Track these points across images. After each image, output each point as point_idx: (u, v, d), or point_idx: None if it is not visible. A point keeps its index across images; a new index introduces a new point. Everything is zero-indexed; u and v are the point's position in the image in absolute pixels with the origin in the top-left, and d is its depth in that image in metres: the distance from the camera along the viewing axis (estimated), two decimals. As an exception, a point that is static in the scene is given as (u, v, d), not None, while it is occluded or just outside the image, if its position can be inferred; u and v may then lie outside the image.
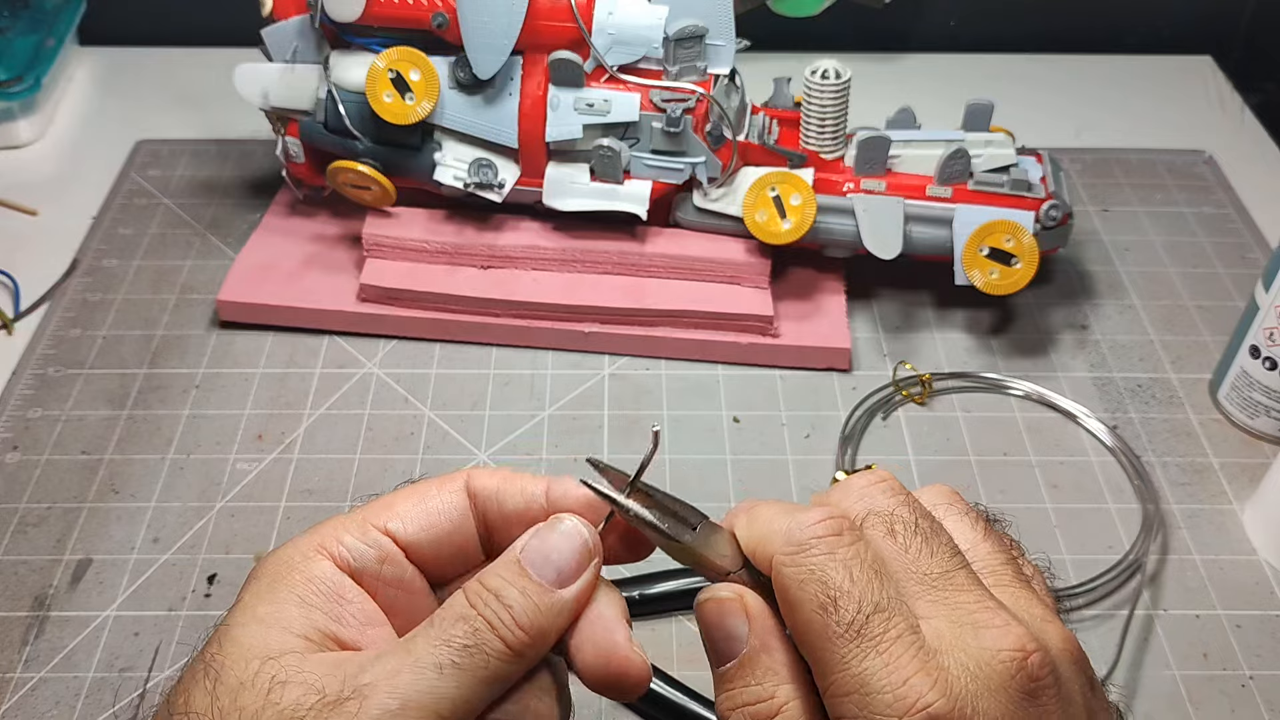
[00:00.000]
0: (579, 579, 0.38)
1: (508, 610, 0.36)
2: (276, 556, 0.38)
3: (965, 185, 0.73)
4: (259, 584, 0.38)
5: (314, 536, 0.39)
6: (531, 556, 0.37)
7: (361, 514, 0.39)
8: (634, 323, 0.75)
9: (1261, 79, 1.04)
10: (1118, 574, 0.63)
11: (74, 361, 0.74)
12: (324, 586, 0.37)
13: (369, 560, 0.38)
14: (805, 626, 0.34)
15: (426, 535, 0.39)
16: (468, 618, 0.36)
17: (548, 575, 0.37)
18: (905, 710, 0.31)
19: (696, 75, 0.72)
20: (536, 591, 0.37)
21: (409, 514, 0.39)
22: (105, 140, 0.93)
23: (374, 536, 0.39)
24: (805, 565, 0.34)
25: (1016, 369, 0.75)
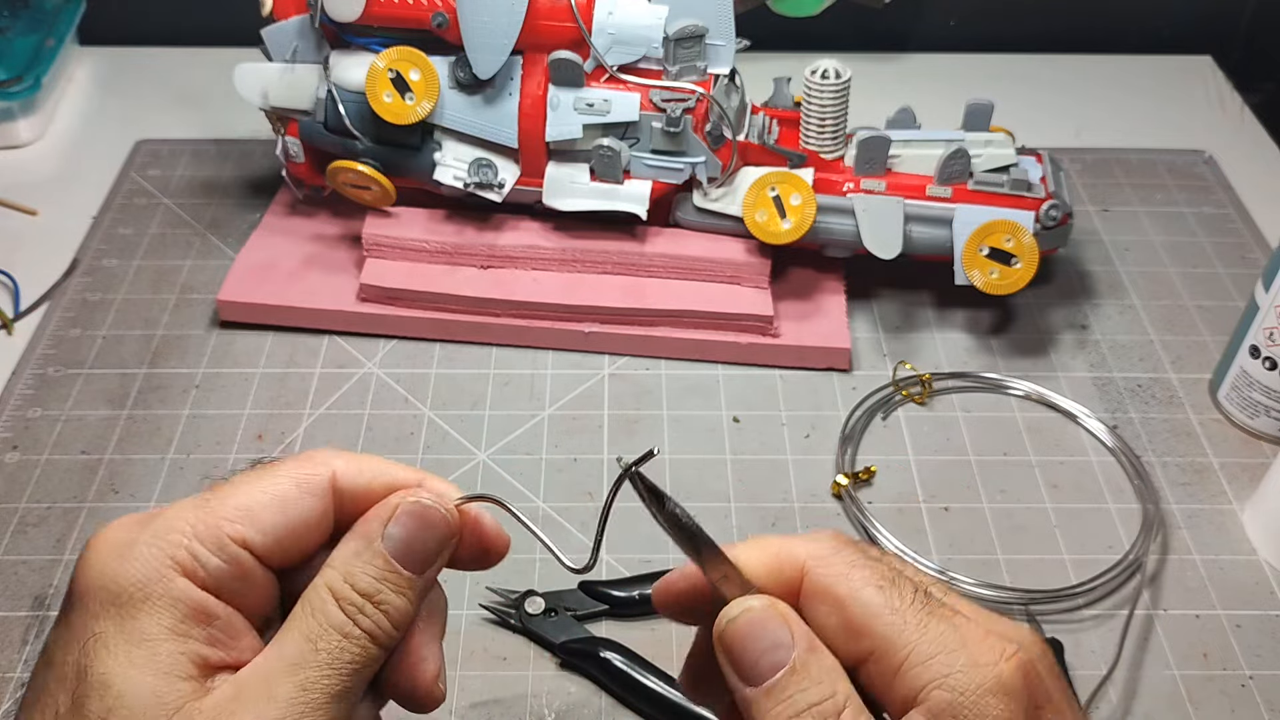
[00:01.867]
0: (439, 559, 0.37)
1: (386, 616, 0.35)
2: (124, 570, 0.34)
3: (965, 185, 0.73)
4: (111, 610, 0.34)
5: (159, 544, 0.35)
6: (397, 548, 0.36)
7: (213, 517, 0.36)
8: (634, 323, 0.75)
9: (1261, 79, 1.04)
10: (1118, 574, 0.63)
11: (74, 361, 0.74)
12: (189, 609, 0.34)
13: (225, 578, 0.35)
14: (865, 608, 0.35)
15: (281, 544, 0.37)
16: (353, 636, 0.35)
17: (414, 566, 0.36)
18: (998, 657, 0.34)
19: (696, 75, 0.72)
20: (406, 586, 0.36)
21: (269, 524, 0.36)
22: (105, 140, 0.93)
23: (232, 551, 0.35)
24: (846, 557, 0.36)
25: (1016, 369, 0.75)
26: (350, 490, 0.38)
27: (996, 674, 0.34)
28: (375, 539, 0.36)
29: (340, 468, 0.38)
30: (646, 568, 0.62)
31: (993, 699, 0.34)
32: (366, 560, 0.36)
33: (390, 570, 0.36)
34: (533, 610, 0.60)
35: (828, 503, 0.67)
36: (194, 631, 0.34)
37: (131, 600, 0.34)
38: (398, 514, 0.37)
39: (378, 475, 0.38)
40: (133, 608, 0.34)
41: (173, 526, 0.35)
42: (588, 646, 0.58)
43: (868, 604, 0.35)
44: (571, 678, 0.58)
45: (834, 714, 0.34)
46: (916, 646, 0.34)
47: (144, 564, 0.34)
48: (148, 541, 0.35)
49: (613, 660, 0.57)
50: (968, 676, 0.34)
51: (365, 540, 0.36)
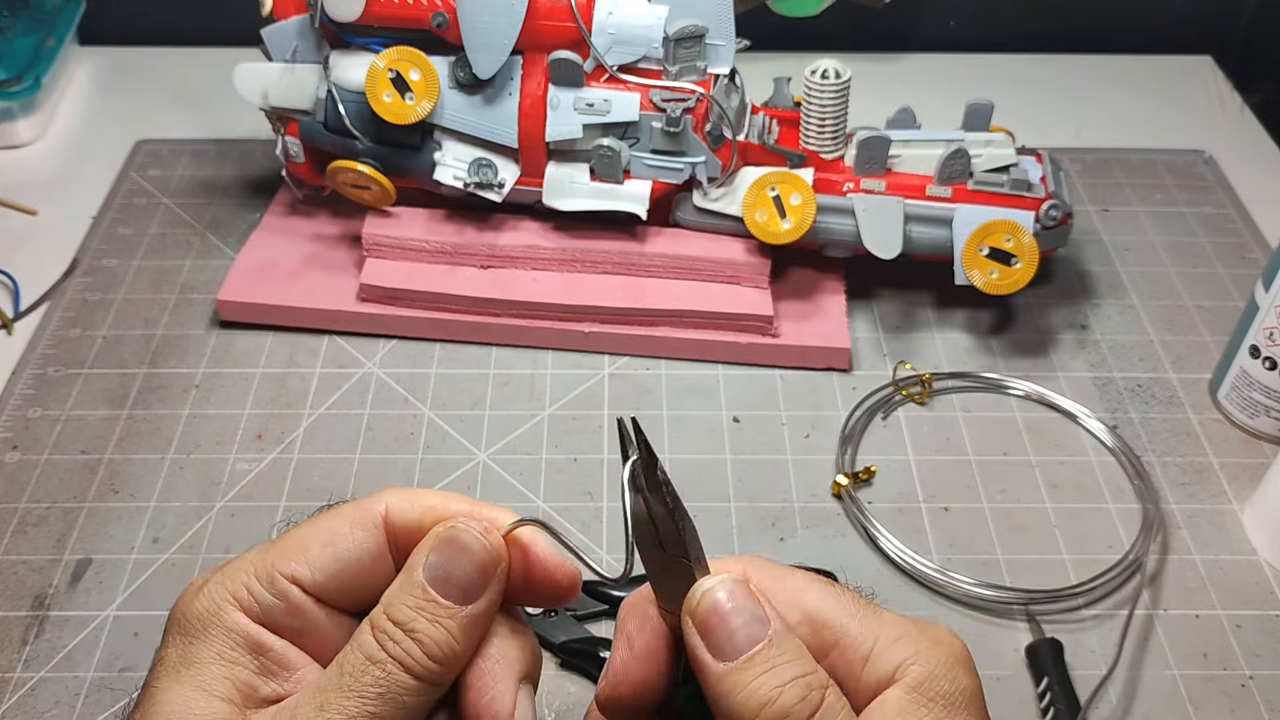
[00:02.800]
0: (486, 589, 0.37)
1: (418, 645, 0.35)
2: (192, 606, 0.37)
3: (965, 185, 0.73)
4: (178, 638, 0.37)
5: (225, 582, 0.37)
6: (433, 575, 0.36)
7: (271, 556, 0.37)
8: (634, 323, 0.75)
9: (1261, 79, 1.04)
10: (1118, 574, 0.63)
11: (74, 361, 0.74)
12: (242, 640, 0.36)
13: (277, 613, 0.37)
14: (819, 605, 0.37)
15: (337, 581, 0.37)
16: (378, 661, 0.35)
17: (453, 594, 0.36)
18: (950, 638, 0.38)
19: (696, 75, 0.72)
20: (445, 615, 0.36)
21: (318, 560, 0.37)
22: (105, 140, 0.93)
23: (281, 587, 0.37)
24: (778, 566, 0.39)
25: (1016, 369, 0.75)
26: (403, 524, 0.38)
27: (955, 650, 0.37)
28: (416, 569, 0.36)
29: (394, 502, 0.38)
30: (646, 568, 0.62)
31: (960, 670, 0.37)
32: (405, 590, 0.36)
33: (427, 599, 0.36)
34: (532, 610, 0.60)
35: (828, 503, 0.67)
36: (243, 659, 0.36)
37: (193, 630, 0.37)
38: (435, 543, 0.37)
39: (430, 508, 0.38)
40: (193, 636, 0.36)
41: (239, 567, 0.37)
42: (588, 646, 0.58)
43: (821, 600, 0.37)
44: (571, 678, 0.58)
45: (820, 687, 0.35)
46: (881, 633, 0.37)
47: (209, 600, 0.37)
48: (216, 581, 0.37)
49: None
50: (935, 653, 0.36)
51: (407, 572, 0.37)
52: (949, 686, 0.36)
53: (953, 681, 0.36)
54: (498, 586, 0.37)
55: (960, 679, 0.37)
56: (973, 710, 0.36)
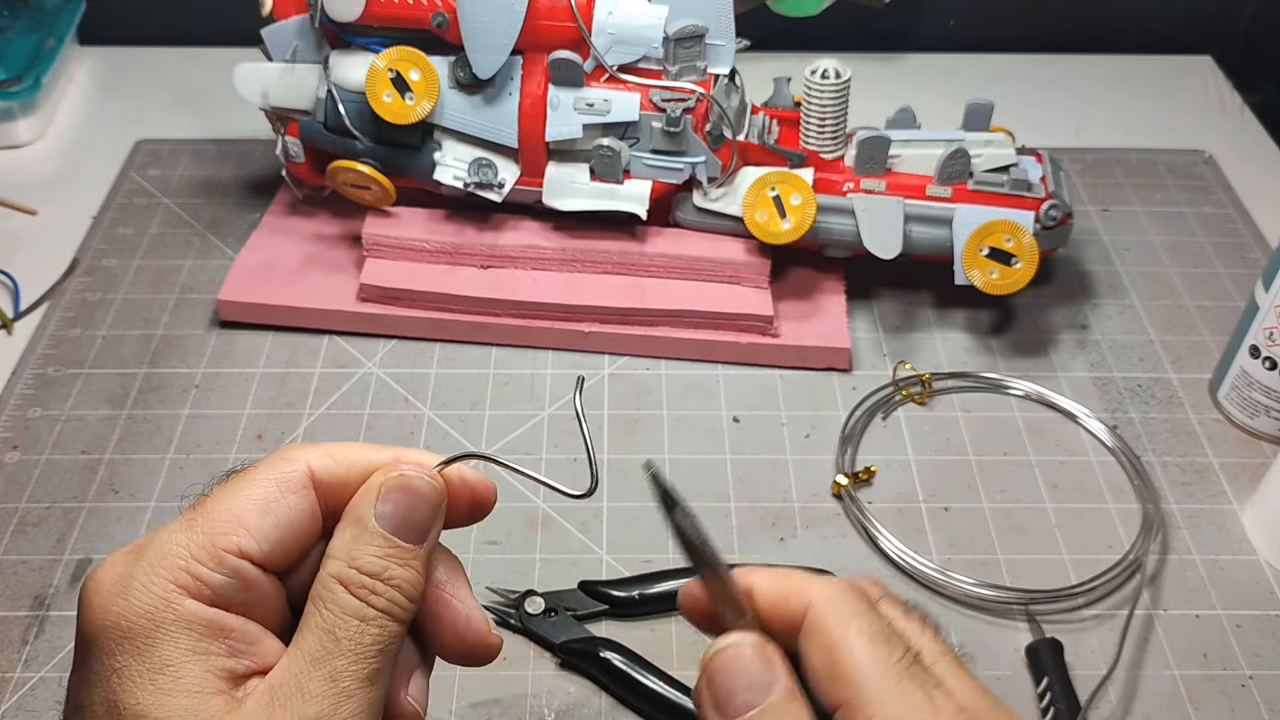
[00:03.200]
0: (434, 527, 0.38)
1: (398, 589, 0.36)
2: (130, 606, 0.34)
3: (965, 185, 0.73)
4: (128, 645, 0.34)
5: (159, 571, 0.35)
6: (390, 523, 0.36)
7: (206, 533, 0.36)
8: (634, 323, 0.75)
9: (1261, 79, 1.04)
10: (1118, 574, 0.63)
11: (74, 361, 0.74)
12: (205, 628, 0.35)
13: (231, 591, 0.35)
14: (851, 656, 0.35)
15: (278, 547, 0.36)
16: (370, 619, 0.35)
17: (412, 536, 0.37)
18: None
19: (696, 75, 0.72)
20: (411, 557, 0.36)
21: (261, 530, 0.36)
22: (105, 140, 0.93)
23: (231, 564, 0.35)
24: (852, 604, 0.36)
25: (1016, 369, 0.75)
26: (329, 481, 0.38)
27: None
28: (369, 520, 0.36)
29: (315, 461, 0.38)
30: (646, 568, 0.62)
31: None
32: (365, 542, 0.36)
33: (391, 546, 0.36)
34: (533, 610, 0.60)
35: (828, 503, 0.67)
36: (213, 647, 0.35)
37: (144, 631, 0.34)
38: (384, 491, 0.37)
39: (354, 461, 0.38)
40: (147, 638, 0.34)
41: (167, 551, 0.35)
42: (588, 646, 0.58)
43: (854, 653, 0.35)
44: (571, 678, 0.58)
45: None
46: (885, 706, 0.34)
47: (147, 594, 0.34)
48: (145, 571, 0.35)
49: (613, 660, 0.57)
50: None
51: (359, 524, 0.37)
52: None
53: None
54: (440, 521, 0.38)
55: None
56: None
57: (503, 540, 0.64)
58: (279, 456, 0.38)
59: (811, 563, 0.62)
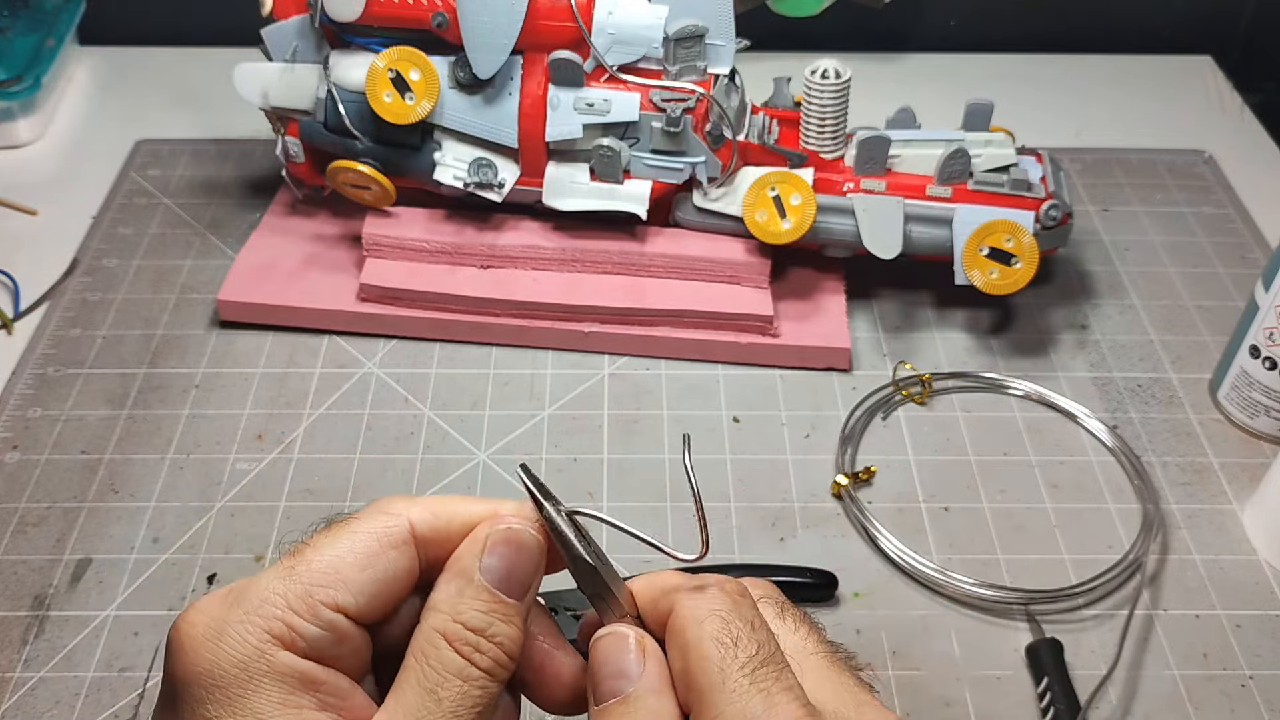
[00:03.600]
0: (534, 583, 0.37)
1: (499, 646, 0.35)
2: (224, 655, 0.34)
3: (965, 185, 0.73)
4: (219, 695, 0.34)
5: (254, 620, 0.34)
6: (497, 576, 0.36)
7: (303, 584, 0.35)
8: (634, 323, 0.75)
9: (1261, 79, 1.04)
10: (1118, 574, 0.63)
11: (74, 361, 0.74)
12: (296, 680, 0.34)
13: (325, 644, 0.35)
14: (700, 660, 0.34)
15: (374, 602, 0.36)
16: (472, 679, 0.35)
17: (515, 591, 0.36)
18: None
19: (696, 75, 0.72)
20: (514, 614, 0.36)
21: (359, 585, 0.36)
22: (105, 140, 0.93)
23: (327, 618, 0.35)
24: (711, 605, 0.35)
25: (1016, 369, 0.75)
26: (430, 536, 0.37)
27: None
28: (474, 573, 0.36)
29: (416, 515, 0.37)
30: (646, 568, 0.62)
31: None
32: (470, 595, 0.36)
33: (496, 600, 0.36)
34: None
35: (828, 503, 0.67)
36: (304, 700, 0.34)
37: (236, 682, 0.34)
38: (490, 544, 0.36)
39: (454, 516, 0.37)
40: (239, 689, 0.34)
41: (264, 600, 0.35)
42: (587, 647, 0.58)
43: (704, 657, 0.34)
44: (571, 678, 0.58)
45: None
46: (723, 712, 0.33)
47: (241, 644, 0.34)
48: (240, 620, 0.34)
49: None
50: None
51: (463, 576, 0.36)
52: None
53: None
54: (540, 576, 0.38)
55: None
56: None
57: (503, 540, 0.64)
58: (379, 509, 0.37)
59: (811, 563, 0.62)
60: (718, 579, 0.37)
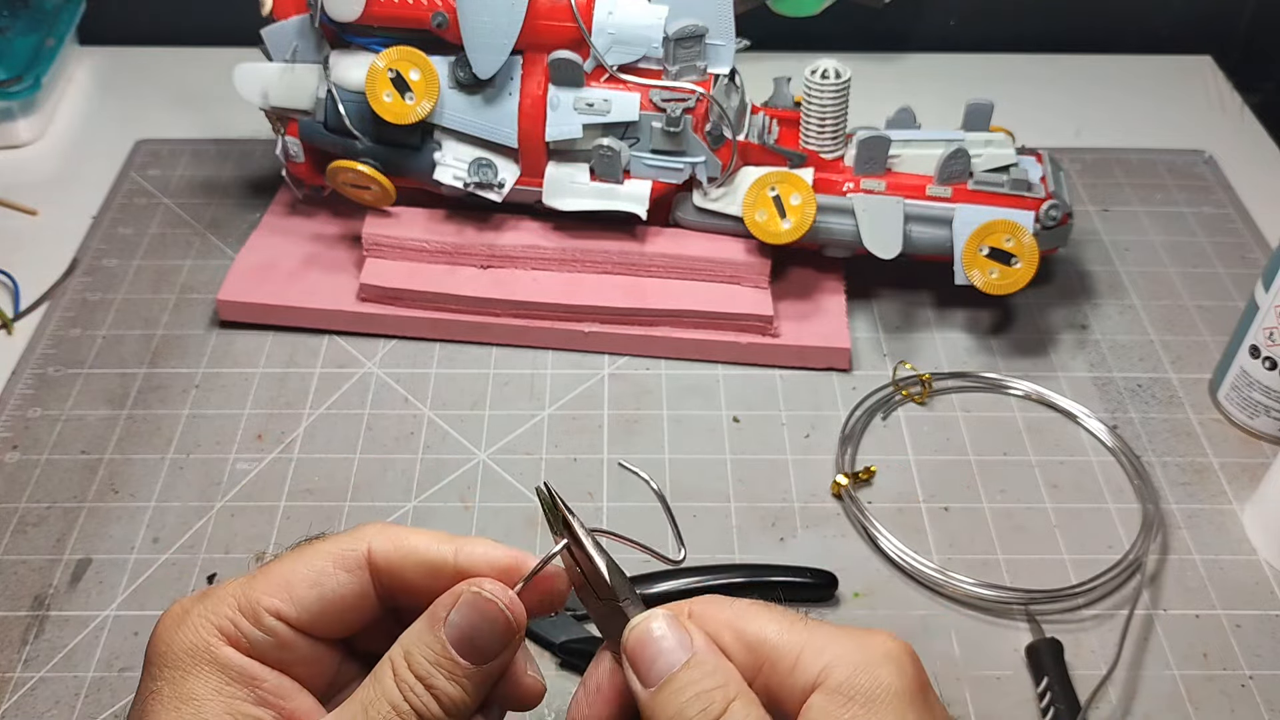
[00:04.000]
0: (503, 652, 0.38)
1: (436, 700, 0.37)
2: (176, 639, 0.38)
3: (965, 185, 0.73)
4: (166, 671, 0.37)
5: (209, 615, 0.38)
6: (457, 636, 0.37)
7: (255, 590, 0.38)
8: (634, 323, 0.75)
9: (1261, 79, 1.04)
10: (1118, 574, 0.63)
11: (74, 361, 0.74)
12: (236, 673, 0.38)
13: (267, 647, 0.38)
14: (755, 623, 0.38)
15: (321, 619, 0.39)
16: (400, 710, 0.37)
17: (473, 656, 0.37)
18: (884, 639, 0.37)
19: (696, 75, 0.72)
20: (462, 673, 0.37)
21: (304, 598, 0.39)
22: (105, 140, 0.93)
23: (268, 623, 0.38)
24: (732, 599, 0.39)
25: (1016, 369, 0.75)
26: (385, 564, 0.39)
27: (885, 649, 0.37)
28: (439, 624, 0.38)
29: (377, 544, 0.39)
30: (646, 568, 0.62)
31: (884, 668, 0.36)
32: (426, 643, 0.37)
33: (445, 657, 0.37)
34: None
35: (828, 503, 0.67)
36: (239, 692, 0.37)
37: (182, 664, 0.37)
38: (460, 602, 0.38)
39: (413, 550, 0.39)
40: (183, 670, 0.37)
41: (221, 599, 0.38)
42: (588, 646, 0.58)
43: (756, 618, 0.38)
44: (571, 678, 0.58)
45: (723, 702, 0.36)
46: (808, 643, 0.37)
47: (194, 633, 0.38)
48: (199, 613, 0.38)
49: None
50: (859, 654, 0.36)
51: (430, 620, 0.38)
52: (869, 684, 0.36)
53: (873, 680, 0.36)
54: (514, 647, 0.39)
55: (883, 676, 0.36)
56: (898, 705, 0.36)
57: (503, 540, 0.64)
58: (351, 533, 0.40)
59: (811, 563, 0.62)
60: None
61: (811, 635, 0.37)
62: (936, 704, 0.37)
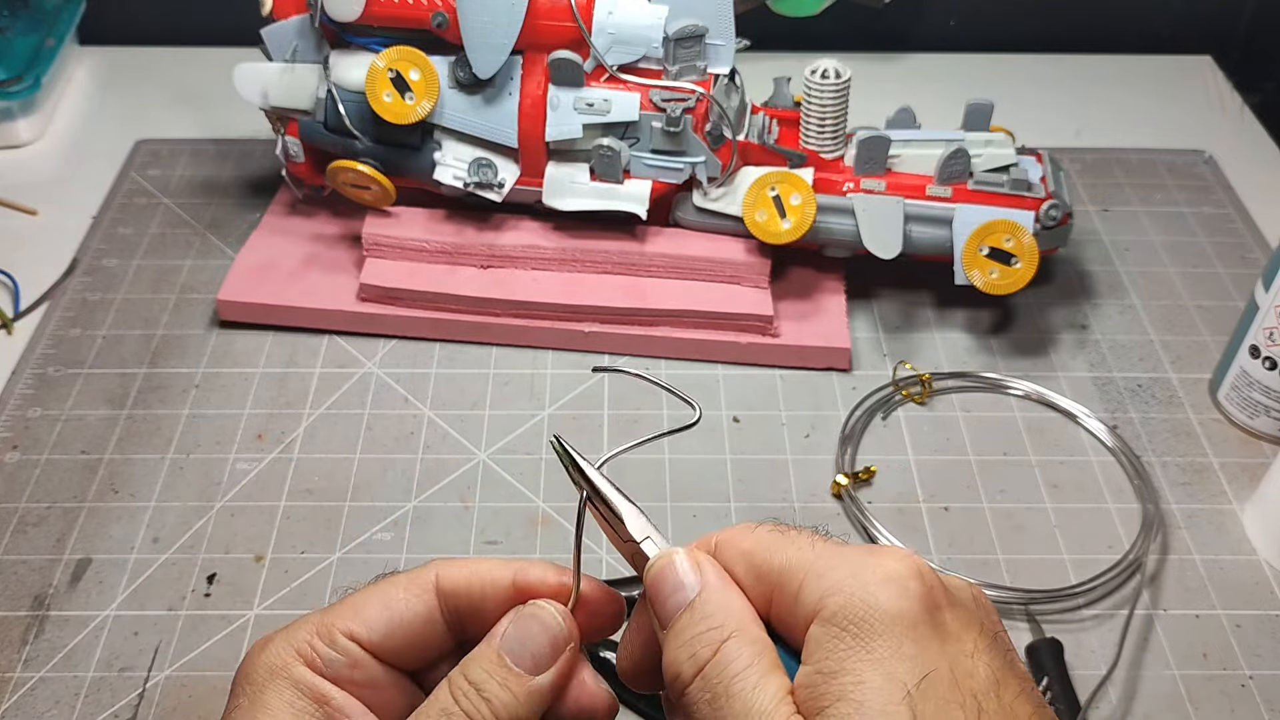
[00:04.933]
0: (555, 663, 0.39)
1: (486, 703, 0.38)
2: (259, 661, 0.40)
3: (965, 185, 0.73)
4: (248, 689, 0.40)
5: (290, 640, 0.41)
6: (509, 645, 0.39)
7: (331, 617, 0.41)
8: (634, 323, 0.75)
9: (1261, 79, 1.04)
10: (1118, 574, 0.63)
11: (74, 361, 0.74)
12: (307, 690, 0.40)
13: (340, 667, 0.40)
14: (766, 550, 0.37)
15: (392, 640, 0.41)
16: (451, 714, 0.38)
17: (524, 664, 0.39)
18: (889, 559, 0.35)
19: (696, 75, 0.72)
20: (515, 681, 0.39)
21: (375, 620, 0.41)
22: (105, 140, 0.93)
23: (342, 644, 0.40)
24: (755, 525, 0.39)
25: (1016, 369, 0.75)
26: (451, 589, 0.41)
27: (884, 570, 0.35)
28: (495, 638, 0.40)
29: (443, 570, 0.41)
30: (646, 568, 0.62)
31: (882, 588, 0.34)
32: (483, 655, 0.39)
33: (500, 665, 0.39)
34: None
35: (828, 503, 0.67)
36: (309, 708, 0.39)
37: (261, 681, 0.40)
38: (513, 616, 0.40)
39: (475, 573, 0.41)
40: (261, 687, 0.40)
41: (301, 626, 0.41)
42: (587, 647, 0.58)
43: (768, 546, 0.37)
44: (571, 678, 0.58)
45: (714, 644, 0.36)
46: (812, 566, 0.36)
47: (274, 655, 0.40)
48: (281, 639, 0.41)
49: (613, 660, 0.57)
50: (858, 577, 0.35)
51: (487, 640, 0.40)
52: (863, 611, 0.34)
53: (868, 605, 0.34)
54: (568, 659, 0.40)
55: (881, 600, 0.34)
56: (894, 632, 0.33)
57: (503, 540, 0.64)
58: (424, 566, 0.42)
59: (811, 563, 0.62)
60: None
61: (817, 559, 0.36)
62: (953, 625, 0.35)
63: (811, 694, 0.34)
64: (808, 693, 0.34)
